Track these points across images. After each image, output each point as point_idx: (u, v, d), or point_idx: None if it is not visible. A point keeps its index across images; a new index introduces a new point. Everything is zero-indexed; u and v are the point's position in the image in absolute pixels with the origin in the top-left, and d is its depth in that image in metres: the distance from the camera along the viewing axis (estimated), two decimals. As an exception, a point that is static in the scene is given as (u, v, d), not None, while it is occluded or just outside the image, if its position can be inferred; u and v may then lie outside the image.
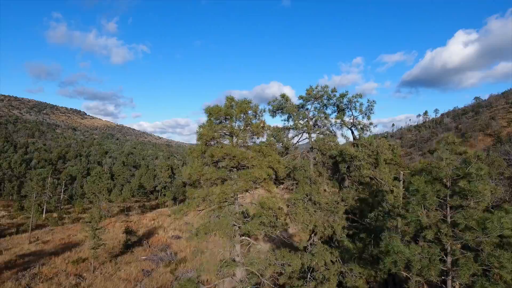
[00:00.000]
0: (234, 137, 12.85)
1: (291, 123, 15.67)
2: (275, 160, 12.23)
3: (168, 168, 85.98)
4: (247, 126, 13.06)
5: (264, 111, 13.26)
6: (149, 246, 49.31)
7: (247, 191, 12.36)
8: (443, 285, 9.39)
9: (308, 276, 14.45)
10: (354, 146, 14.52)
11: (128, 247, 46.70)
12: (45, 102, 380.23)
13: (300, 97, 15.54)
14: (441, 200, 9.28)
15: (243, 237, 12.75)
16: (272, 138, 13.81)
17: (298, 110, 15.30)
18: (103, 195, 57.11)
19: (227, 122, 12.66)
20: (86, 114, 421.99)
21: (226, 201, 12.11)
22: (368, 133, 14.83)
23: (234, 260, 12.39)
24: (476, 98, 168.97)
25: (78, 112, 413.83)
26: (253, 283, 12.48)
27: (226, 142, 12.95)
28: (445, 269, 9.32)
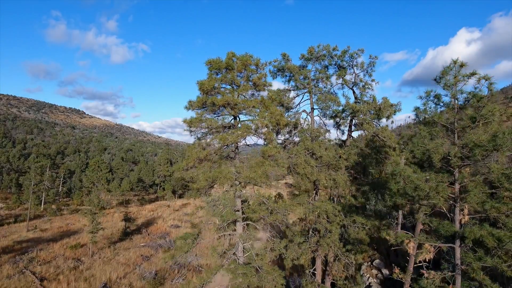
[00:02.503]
0: (235, 90, 12.58)
1: (292, 84, 15.46)
2: (277, 112, 12.00)
3: (167, 162, 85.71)
4: (248, 80, 12.82)
5: (266, 64, 13.06)
6: (148, 234, 48.98)
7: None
8: (451, 214, 9.15)
9: (310, 231, 14.21)
10: (356, 104, 14.30)
11: (127, 234, 46.38)
12: (44, 101, 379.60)
13: (302, 56, 15.30)
14: (449, 126, 9.06)
15: (244, 191, 12.53)
16: (274, 95, 13.55)
17: (299, 70, 15.05)
18: (102, 184, 56.61)
19: (229, 76, 12.39)
20: (85, 113, 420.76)
21: (227, 146, 11.88)
22: (370, 91, 14.62)
23: (236, 211, 12.13)
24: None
25: (77, 111, 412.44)
26: (254, 238, 12.24)
27: (228, 95, 12.69)
28: (453, 196, 9.09)
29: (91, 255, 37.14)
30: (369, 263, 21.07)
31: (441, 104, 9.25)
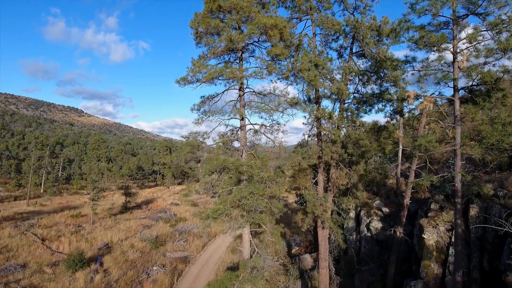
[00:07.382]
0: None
1: (295, 13, 15.69)
2: (282, 20, 12.27)
3: (167, 149, 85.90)
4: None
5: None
6: (149, 209, 49.04)
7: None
8: (449, 70, 9.46)
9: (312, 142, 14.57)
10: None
11: (127, 208, 46.41)
12: (42, 100, 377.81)
13: (304, -19, 15.59)
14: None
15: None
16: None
17: (301, -6, 15.35)
18: (102, 162, 56.51)
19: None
20: (83, 112, 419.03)
21: (233, 45, 12.11)
22: (370, 13, 14.88)
23: (240, 120, 12.42)
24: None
25: (75, 110, 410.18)
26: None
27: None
28: (452, 52, 9.39)
29: (92, 222, 37.19)
30: (370, 205, 21.66)
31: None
